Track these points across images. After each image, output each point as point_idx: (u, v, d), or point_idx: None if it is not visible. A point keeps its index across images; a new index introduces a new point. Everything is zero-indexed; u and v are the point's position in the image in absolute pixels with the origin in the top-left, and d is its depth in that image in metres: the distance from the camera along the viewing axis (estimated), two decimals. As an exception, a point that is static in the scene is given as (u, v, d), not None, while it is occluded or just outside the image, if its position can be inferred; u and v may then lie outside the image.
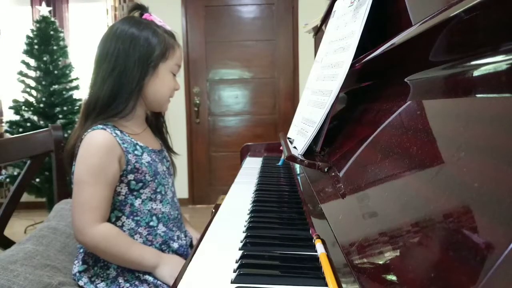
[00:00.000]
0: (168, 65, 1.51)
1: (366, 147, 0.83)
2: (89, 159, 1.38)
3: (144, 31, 1.48)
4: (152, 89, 1.50)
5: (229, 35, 5.49)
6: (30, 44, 4.86)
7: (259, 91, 5.55)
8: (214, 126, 5.61)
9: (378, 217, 0.62)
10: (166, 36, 1.51)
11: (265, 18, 5.48)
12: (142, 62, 1.46)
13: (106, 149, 1.38)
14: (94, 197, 1.36)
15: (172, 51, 1.51)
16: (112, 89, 1.44)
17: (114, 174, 1.39)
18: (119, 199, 1.43)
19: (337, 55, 1.15)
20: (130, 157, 1.42)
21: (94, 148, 1.38)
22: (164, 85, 1.51)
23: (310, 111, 1.28)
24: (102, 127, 1.41)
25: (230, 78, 5.55)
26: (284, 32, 5.46)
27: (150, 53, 1.47)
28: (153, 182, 1.48)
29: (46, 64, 4.88)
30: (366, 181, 0.72)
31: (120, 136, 1.43)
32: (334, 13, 1.41)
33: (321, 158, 1.08)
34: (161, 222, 1.49)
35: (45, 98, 4.88)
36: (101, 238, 1.35)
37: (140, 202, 1.45)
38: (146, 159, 1.47)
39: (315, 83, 1.35)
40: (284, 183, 1.58)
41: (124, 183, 1.43)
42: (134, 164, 1.43)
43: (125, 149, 1.41)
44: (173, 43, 1.53)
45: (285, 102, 5.53)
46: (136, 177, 1.44)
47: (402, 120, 0.72)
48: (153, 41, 1.47)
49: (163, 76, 1.50)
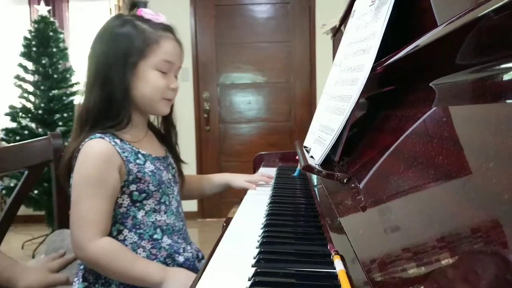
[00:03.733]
0: (149, 62, 1.46)
1: (388, 157, 0.83)
2: (87, 170, 1.39)
3: (124, 28, 1.47)
4: (138, 91, 1.46)
5: (241, 36, 5.51)
6: (28, 46, 4.84)
7: (273, 97, 5.55)
8: (225, 134, 5.62)
9: (401, 232, 0.62)
10: (149, 30, 1.47)
11: (279, 18, 5.49)
12: (120, 63, 1.44)
13: (105, 159, 1.39)
14: (93, 211, 1.36)
15: (156, 46, 1.46)
16: (100, 99, 1.44)
17: (114, 186, 1.39)
18: (120, 212, 1.44)
19: (357, 58, 1.15)
20: (132, 167, 1.43)
21: (92, 158, 1.39)
22: (147, 85, 1.46)
23: (328, 118, 1.28)
24: (100, 136, 1.41)
25: (242, 83, 5.56)
26: (300, 33, 5.47)
27: (127, 51, 1.44)
28: (157, 192, 1.48)
29: (45, 68, 4.86)
30: (388, 193, 0.72)
31: (120, 145, 1.43)
32: (354, 13, 1.41)
33: (340, 169, 1.08)
34: (165, 235, 1.49)
35: (44, 104, 4.85)
36: (102, 253, 1.35)
37: (144, 214, 1.46)
38: (149, 168, 1.47)
39: (334, 88, 1.35)
40: (300, 195, 1.58)
41: (125, 194, 1.43)
42: (136, 174, 1.43)
43: (125, 158, 1.42)
44: (158, 37, 1.47)
45: (301, 108, 5.53)
46: (138, 187, 1.44)
47: (426, 128, 0.72)
48: (131, 38, 1.45)
49: (145, 75, 1.46)
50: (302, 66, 5.50)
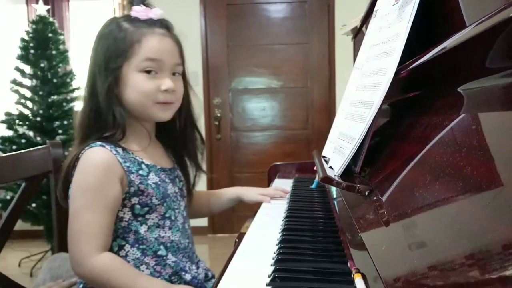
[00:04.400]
0: (132, 64, 1.43)
1: (413, 167, 0.83)
2: (86, 181, 1.39)
3: (107, 31, 1.48)
4: (127, 98, 1.45)
5: (254, 37, 5.52)
6: (25, 48, 4.81)
7: (289, 103, 5.56)
8: (237, 143, 5.63)
9: (427, 248, 0.62)
10: (131, 29, 1.45)
11: (296, 18, 5.50)
12: (102, 69, 1.44)
13: (105, 169, 1.38)
14: (92, 224, 1.36)
15: (137, 45, 1.43)
16: (89, 108, 1.45)
17: (115, 197, 1.39)
18: (122, 226, 1.43)
19: (379, 61, 1.16)
20: (133, 178, 1.42)
21: (91, 168, 1.39)
22: (133, 90, 1.44)
23: (348, 125, 1.28)
24: (100, 144, 1.41)
25: (256, 88, 5.57)
26: (319, 35, 5.48)
27: (108, 56, 1.44)
28: (161, 206, 1.47)
29: (44, 71, 4.83)
30: (413, 207, 0.72)
31: (122, 154, 1.43)
32: (376, 13, 1.42)
33: (361, 180, 1.08)
34: (170, 252, 1.48)
35: (43, 111, 4.83)
36: (102, 269, 1.34)
37: (146, 229, 1.45)
38: (153, 180, 1.47)
39: (355, 93, 1.35)
40: (318, 208, 1.58)
41: (127, 207, 1.43)
42: (138, 186, 1.42)
43: (126, 169, 1.41)
44: (139, 35, 1.44)
45: (319, 115, 5.53)
46: (141, 200, 1.43)
47: (454, 136, 0.72)
48: (113, 41, 1.44)
49: (129, 79, 1.44)
50: (321, 69, 5.50)
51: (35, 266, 4.64)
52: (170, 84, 1.46)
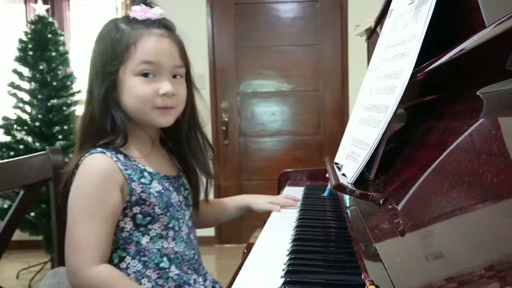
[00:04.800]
0: (128, 68, 1.42)
1: (429, 175, 0.83)
2: (84, 188, 1.39)
3: (103, 33, 1.48)
4: (125, 103, 1.45)
5: (264, 38, 5.52)
6: (24, 50, 4.77)
7: (300, 107, 5.56)
8: (245, 149, 5.63)
9: (444, 259, 0.62)
10: (128, 30, 1.44)
11: (307, 18, 5.50)
12: (99, 73, 1.44)
13: (104, 176, 1.38)
14: (91, 234, 1.35)
15: (133, 47, 1.42)
16: (93, 114, 1.45)
17: (115, 206, 1.39)
18: (122, 236, 1.43)
19: (395, 63, 1.16)
20: (135, 186, 1.42)
21: (90, 175, 1.39)
22: (130, 95, 1.43)
23: (362, 130, 1.28)
24: (101, 150, 1.41)
25: (265, 91, 5.57)
26: (331, 35, 5.48)
27: (104, 60, 1.44)
28: (164, 216, 1.47)
29: (43, 74, 4.80)
30: (429, 216, 0.72)
31: (123, 161, 1.43)
32: (391, 12, 1.42)
33: (376, 188, 1.08)
34: (173, 264, 1.48)
35: (42, 115, 4.80)
36: (100, 282, 1.34)
37: (148, 239, 1.45)
38: (155, 188, 1.46)
39: (369, 96, 1.35)
40: (330, 217, 1.58)
41: (128, 217, 1.43)
42: (140, 195, 1.42)
43: (127, 176, 1.41)
44: (136, 37, 1.43)
45: (331, 120, 5.52)
46: (142, 210, 1.43)
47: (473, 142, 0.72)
48: (109, 44, 1.44)
49: (125, 84, 1.43)
50: (333, 72, 5.50)
51: (34, 278, 4.62)
52: (168, 88, 1.44)
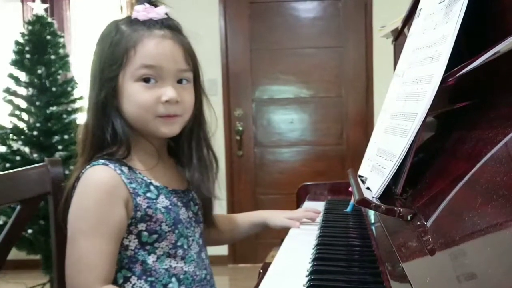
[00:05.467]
0: (127, 73, 1.42)
1: (461, 188, 0.83)
2: (86, 203, 1.39)
3: (103, 35, 1.48)
4: (125, 111, 1.45)
5: (281, 40, 5.52)
6: (20, 53, 4.72)
7: (321, 114, 5.55)
8: (262, 160, 5.63)
9: (478, 280, 0.62)
10: (128, 32, 1.44)
11: (329, 18, 5.50)
12: (96, 79, 1.44)
13: (107, 190, 1.38)
14: (93, 253, 1.35)
15: (133, 51, 1.41)
16: (95, 123, 1.45)
17: (119, 223, 1.38)
18: (127, 255, 1.43)
19: (424, 67, 1.16)
20: (140, 201, 1.41)
21: (92, 189, 1.39)
22: (130, 102, 1.43)
23: (388, 140, 1.28)
24: (104, 162, 1.41)
25: (283, 97, 5.57)
26: (354, 37, 5.47)
27: (103, 65, 1.44)
28: (171, 234, 1.46)
29: (41, 79, 4.75)
30: (461, 233, 0.72)
31: (128, 173, 1.43)
32: (420, 12, 1.42)
33: (403, 203, 1.08)
34: (183, 285, 1.47)
35: (40, 124, 4.75)
36: None
37: (155, 259, 1.44)
38: (162, 204, 1.46)
39: (395, 103, 1.35)
40: (354, 235, 1.58)
41: (133, 234, 1.42)
42: (146, 210, 1.42)
43: (132, 191, 1.41)
44: (136, 39, 1.42)
45: (355, 128, 5.51)
46: (148, 227, 1.42)
47: (509, 152, 0.72)
48: (108, 48, 1.44)
49: (124, 90, 1.43)
50: (356, 77, 5.49)
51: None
52: (172, 94, 1.42)
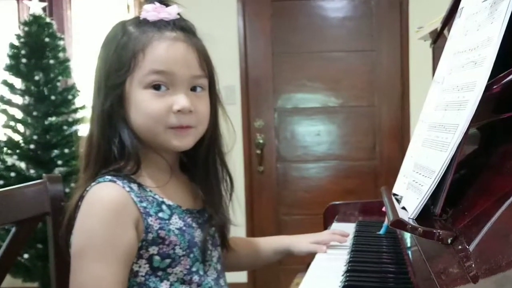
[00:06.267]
0: (136, 78, 1.42)
1: (508, 208, 0.83)
2: (90, 225, 1.38)
3: (109, 38, 1.49)
4: (133, 122, 1.45)
5: (307, 43, 5.51)
6: (15, 57, 4.72)
7: (351, 126, 5.53)
8: (285, 177, 5.61)
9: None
10: (136, 34, 1.44)
11: (360, 18, 5.48)
12: (104, 85, 1.44)
13: (115, 210, 1.38)
14: (100, 280, 1.35)
15: (142, 55, 1.41)
16: (100, 135, 1.45)
17: (128, 247, 1.38)
18: (137, 282, 1.43)
19: (466, 73, 1.16)
20: (152, 222, 1.41)
21: (98, 209, 1.39)
22: (138, 111, 1.43)
23: (426, 154, 1.28)
24: (110, 178, 1.41)
25: (308, 107, 5.56)
26: (388, 39, 5.45)
27: (109, 68, 1.44)
28: (186, 258, 1.46)
29: (39, 86, 4.75)
30: (508, 258, 0.72)
31: (137, 191, 1.43)
32: (462, 11, 1.42)
33: (443, 224, 1.08)
34: None
35: (38, 136, 4.74)
36: None
37: (168, 286, 1.44)
38: (176, 225, 1.45)
39: (434, 113, 1.35)
40: (387, 260, 1.58)
41: (143, 259, 1.42)
42: (158, 232, 1.41)
43: (143, 210, 1.41)
44: (146, 42, 1.42)
45: (389, 141, 5.48)
46: (161, 250, 1.42)
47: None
48: (115, 50, 1.45)
49: (131, 98, 1.43)
50: (391, 83, 5.47)
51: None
52: (184, 103, 1.42)
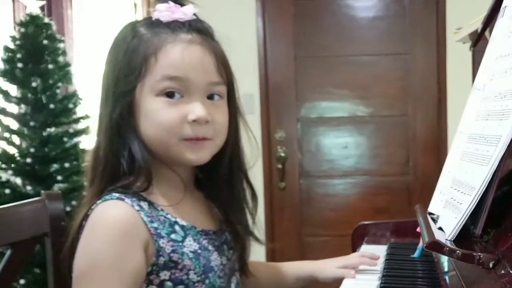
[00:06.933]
0: (147, 85, 1.42)
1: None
2: (96, 247, 1.38)
3: (118, 40, 1.49)
4: (144, 132, 1.44)
5: (333, 46, 5.50)
6: (10, 61, 4.64)
7: (382, 137, 5.51)
8: (309, 194, 5.60)
9: None
10: (147, 36, 1.45)
11: (392, 18, 5.47)
12: (112, 92, 1.44)
13: (123, 231, 1.37)
14: None
15: (154, 59, 1.42)
16: (107, 147, 1.45)
17: (136, 271, 1.37)
18: None
19: (509, 79, 1.16)
20: (163, 244, 1.41)
21: (103, 229, 1.38)
22: (149, 121, 1.43)
23: (465, 169, 1.28)
24: (118, 196, 1.41)
25: (335, 116, 5.54)
26: (423, 41, 5.42)
27: (118, 73, 1.44)
28: (201, 284, 1.45)
29: (36, 94, 4.66)
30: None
31: (148, 210, 1.42)
32: (504, 10, 1.42)
33: (484, 247, 1.08)
34: None
35: (35, 149, 4.67)
36: None
37: None
38: (190, 247, 1.45)
39: (474, 124, 1.35)
40: (423, 286, 1.58)
41: (154, 284, 1.42)
42: (170, 256, 1.41)
43: (154, 231, 1.40)
44: (158, 45, 1.43)
45: (424, 154, 5.45)
46: (173, 275, 1.42)
47: None
48: (124, 53, 1.45)
49: (142, 106, 1.43)
50: (426, 90, 5.44)
51: None
52: (200, 112, 1.42)
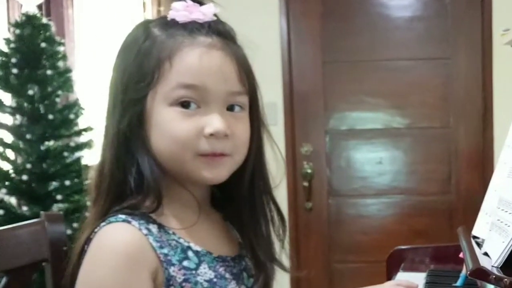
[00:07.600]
0: (160, 93, 1.40)
1: None
2: (99, 274, 1.36)
3: (130, 39, 1.47)
4: (155, 145, 1.42)
5: (365, 49, 5.54)
6: (4, 66, 4.60)
7: (421, 152, 5.54)
8: (338, 216, 5.63)
9: None
10: (162, 39, 1.43)
11: (432, 19, 5.50)
12: (121, 100, 1.42)
13: (129, 257, 1.35)
14: None
15: (168, 64, 1.40)
16: (113, 163, 1.43)
17: None
18: None
19: None
20: (174, 272, 1.39)
21: (108, 255, 1.37)
22: (162, 134, 1.41)
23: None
24: (124, 218, 1.39)
25: (367, 128, 5.59)
26: (466, 45, 5.44)
27: (127, 80, 1.42)
28: None
29: (34, 103, 4.62)
30: None
31: (157, 234, 1.41)
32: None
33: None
34: None
35: (32, 165, 4.61)
36: None
37: None
38: (205, 276, 1.43)
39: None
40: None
41: None
42: (182, 285, 1.39)
43: (164, 258, 1.39)
44: (173, 49, 1.41)
45: (468, 171, 5.46)
46: None
47: None
48: (135, 57, 1.42)
49: (153, 116, 1.41)
50: (470, 99, 5.45)
51: None
52: (219, 125, 1.40)
